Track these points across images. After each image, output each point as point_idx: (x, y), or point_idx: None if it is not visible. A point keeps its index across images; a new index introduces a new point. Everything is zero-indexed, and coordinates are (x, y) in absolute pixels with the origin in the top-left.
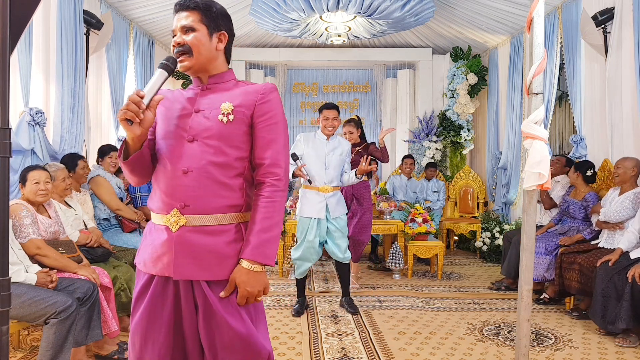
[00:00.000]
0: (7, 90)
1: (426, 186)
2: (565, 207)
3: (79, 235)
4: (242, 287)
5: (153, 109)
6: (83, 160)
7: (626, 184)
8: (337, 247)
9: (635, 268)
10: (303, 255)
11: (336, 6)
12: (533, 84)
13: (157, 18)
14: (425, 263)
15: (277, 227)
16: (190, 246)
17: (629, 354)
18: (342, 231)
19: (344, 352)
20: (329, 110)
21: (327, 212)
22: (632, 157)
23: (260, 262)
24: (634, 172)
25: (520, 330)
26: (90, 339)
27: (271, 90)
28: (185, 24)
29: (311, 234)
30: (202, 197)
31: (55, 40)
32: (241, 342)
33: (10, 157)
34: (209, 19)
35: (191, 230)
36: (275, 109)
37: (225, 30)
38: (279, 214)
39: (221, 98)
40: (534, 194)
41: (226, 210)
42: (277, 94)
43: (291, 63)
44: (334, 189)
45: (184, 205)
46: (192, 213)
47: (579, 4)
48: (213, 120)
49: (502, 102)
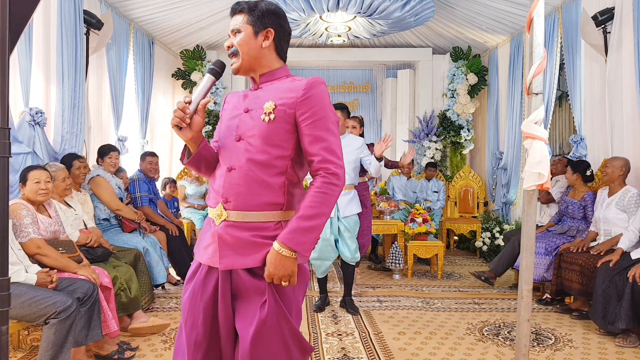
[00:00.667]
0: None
1: (426, 186)
2: (564, 207)
3: (79, 235)
4: (267, 266)
5: (201, 112)
6: (79, 160)
7: (614, 184)
8: (347, 247)
9: (636, 268)
10: (321, 254)
11: (336, 6)
12: (533, 84)
13: (157, 18)
14: (425, 263)
15: (319, 218)
16: (230, 239)
17: (629, 354)
18: (351, 231)
19: (344, 352)
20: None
21: (337, 211)
22: (621, 157)
23: (290, 247)
24: (622, 172)
25: (520, 330)
26: (90, 339)
27: (313, 85)
28: (234, 26)
29: (325, 232)
30: (243, 195)
31: (55, 40)
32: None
33: (10, 157)
34: (254, 18)
35: (231, 225)
36: (318, 105)
37: (272, 27)
38: (326, 206)
39: (267, 97)
40: (534, 194)
41: (267, 208)
42: (321, 89)
43: (291, 63)
44: (346, 187)
45: (226, 200)
46: (233, 209)
47: (579, 4)
48: (257, 119)
49: (502, 102)
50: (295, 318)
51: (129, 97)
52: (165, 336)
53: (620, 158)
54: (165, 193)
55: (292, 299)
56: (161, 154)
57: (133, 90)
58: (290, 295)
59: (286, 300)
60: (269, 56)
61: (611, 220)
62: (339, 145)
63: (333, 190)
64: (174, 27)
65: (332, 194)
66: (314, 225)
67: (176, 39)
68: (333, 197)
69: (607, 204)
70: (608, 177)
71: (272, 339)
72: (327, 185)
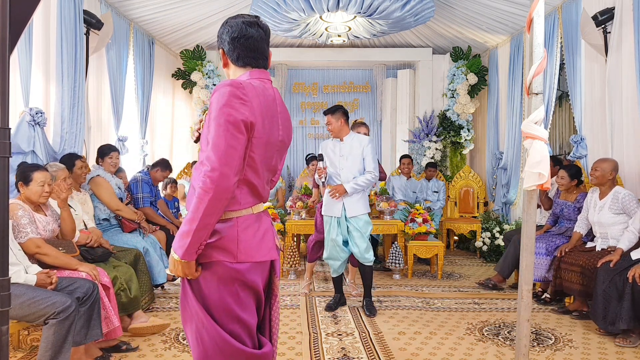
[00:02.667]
0: (7, 90)
1: (426, 186)
2: (559, 210)
3: (79, 235)
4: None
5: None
6: (81, 160)
7: (604, 186)
8: (357, 247)
9: (636, 268)
10: (330, 253)
11: (336, 6)
12: (533, 84)
13: (157, 18)
14: (425, 263)
15: (190, 224)
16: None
17: (629, 354)
18: (360, 231)
19: (344, 352)
20: (325, 116)
21: (344, 211)
22: (610, 159)
23: (174, 250)
24: (612, 175)
25: (520, 330)
26: (90, 338)
27: (215, 90)
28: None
29: (333, 232)
30: None
31: (55, 40)
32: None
33: (10, 157)
34: (220, 47)
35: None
36: (211, 107)
37: (222, 48)
38: (195, 212)
39: None
40: (534, 194)
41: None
42: (220, 92)
43: (291, 63)
44: None
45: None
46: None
47: (579, 4)
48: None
49: (502, 102)
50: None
51: (129, 97)
52: (165, 336)
53: (609, 160)
54: (166, 193)
55: (205, 295)
56: (161, 154)
57: (133, 90)
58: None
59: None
60: (230, 71)
61: (606, 223)
62: (220, 147)
63: (201, 196)
64: (174, 27)
65: (200, 199)
66: (187, 230)
67: (176, 39)
68: (202, 202)
69: (600, 207)
70: (598, 180)
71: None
72: (200, 189)
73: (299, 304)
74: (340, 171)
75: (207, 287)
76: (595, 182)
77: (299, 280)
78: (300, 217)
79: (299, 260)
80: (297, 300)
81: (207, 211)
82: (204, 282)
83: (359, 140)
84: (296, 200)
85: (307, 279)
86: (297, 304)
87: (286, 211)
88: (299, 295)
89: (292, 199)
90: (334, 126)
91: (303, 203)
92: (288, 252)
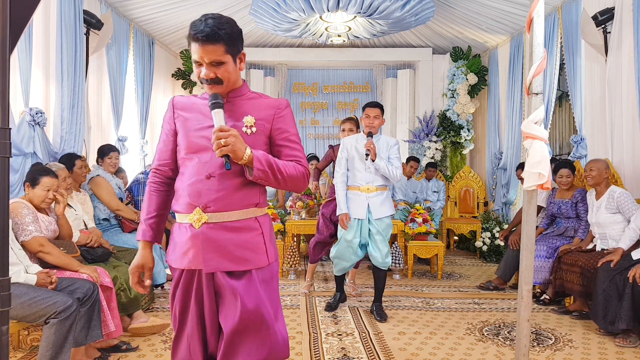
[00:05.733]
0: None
1: (426, 186)
2: (556, 210)
3: (79, 235)
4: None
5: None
6: (81, 160)
7: (600, 186)
8: (378, 251)
9: (636, 268)
10: (339, 253)
11: (336, 6)
12: (533, 84)
13: (157, 18)
14: (425, 263)
15: (282, 173)
16: (213, 241)
17: (629, 354)
18: (383, 234)
19: (344, 352)
20: (371, 108)
21: (368, 213)
22: (600, 159)
23: (256, 157)
24: (607, 174)
25: (520, 330)
26: (90, 339)
27: (286, 105)
28: (214, 59)
29: (350, 233)
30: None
31: (55, 40)
32: (262, 324)
33: (10, 157)
34: (232, 48)
35: (213, 227)
36: (290, 117)
37: (243, 49)
38: (291, 172)
39: (242, 111)
40: (534, 194)
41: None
42: (290, 109)
43: (291, 63)
44: (377, 188)
45: (206, 206)
46: (213, 212)
47: (579, 4)
48: (238, 131)
49: (502, 102)
50: (281, 311)
51: (129, 97)
52: (165, 336)
53: (600, 160)
54: None
55: (272, 298)
56: None
57: (133, 90)
58: (270, 295)
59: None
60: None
61: (603, 223)
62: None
63: (305, 172)
64: (174, 27)
65: (302, 174)
66: (277, 166)
67: (176, 39)
68: (298, 173)
69: (597, 208)
70: (595, 180)
71: (247, 333)
72: (304, 169)
73: (299, 304)
74: (367, 168)
75: (269, 290)
76: (592, 183)
77: (299, 280)
78: (300, 217)
79: (299, 260)
80: (297, 300)
81: (291, 179)
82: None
83: (386, 141)
84: (296, 200)
85: (308, 279)
86: (297, 304)
87: (286, 211)
88: (299, 295)
89: (292, 199)
90: (380, 121)
91: (303, 203)
92: (288, 252)
